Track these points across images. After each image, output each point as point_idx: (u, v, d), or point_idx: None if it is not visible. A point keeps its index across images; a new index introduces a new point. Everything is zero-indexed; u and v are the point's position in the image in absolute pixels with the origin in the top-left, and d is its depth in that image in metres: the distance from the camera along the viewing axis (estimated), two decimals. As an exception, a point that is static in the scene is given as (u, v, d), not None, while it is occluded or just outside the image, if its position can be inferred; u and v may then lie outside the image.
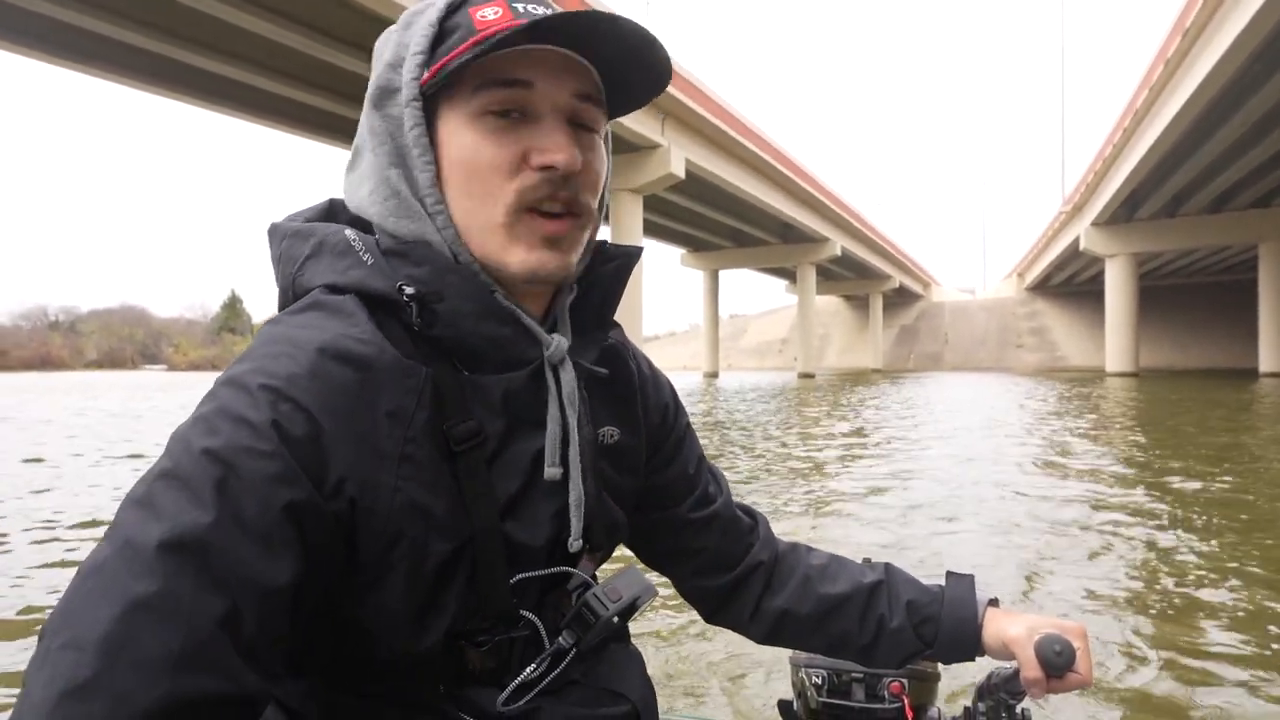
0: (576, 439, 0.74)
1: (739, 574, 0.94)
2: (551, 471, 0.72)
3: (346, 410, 0.61)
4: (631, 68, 0.72)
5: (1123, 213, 40.40)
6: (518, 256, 0.69)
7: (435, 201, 0.69)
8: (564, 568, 0.75)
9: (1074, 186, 45.56)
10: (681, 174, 26.62)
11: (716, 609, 0.97)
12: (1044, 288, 71.40)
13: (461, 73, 0.67)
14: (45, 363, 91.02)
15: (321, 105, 22.39)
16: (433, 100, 0.69)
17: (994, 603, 0.91)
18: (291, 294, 0.70)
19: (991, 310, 75.46)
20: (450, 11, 0.70)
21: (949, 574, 0.94)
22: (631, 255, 0.81)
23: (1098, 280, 47.68)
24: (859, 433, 12.14)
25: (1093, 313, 56.04)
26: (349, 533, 0.61)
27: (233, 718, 0.51)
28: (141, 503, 0.54)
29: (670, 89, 23.12)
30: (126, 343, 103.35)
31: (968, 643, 0.89)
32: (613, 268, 0.79)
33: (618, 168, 25.77)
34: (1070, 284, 67.79)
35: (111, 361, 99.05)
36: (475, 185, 0.69)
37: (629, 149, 25.61)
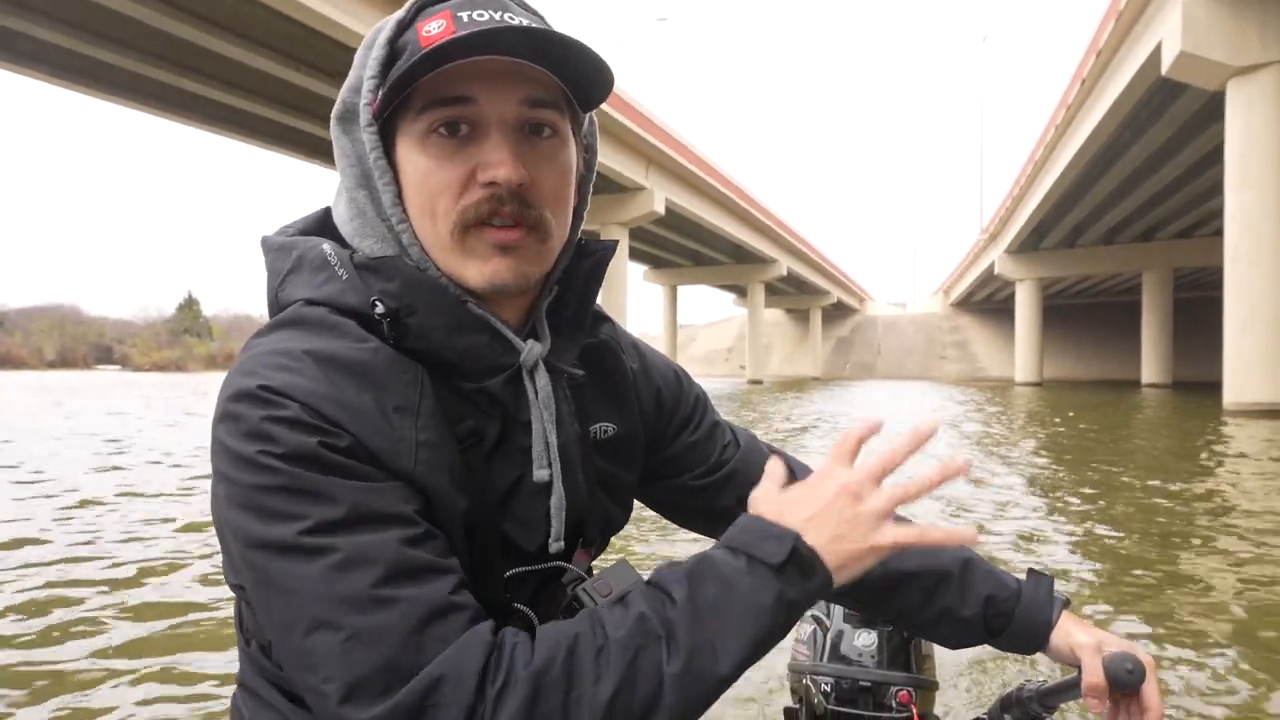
0: (555, 443, 0.76)
1: None
2: (540, 474, 0.74)
3: (357, 412, 0.64)
4: (578, 69, 0.70)
5: (1031, 242, 45.99)
6: (474, 270, 0.70)
7: (399, 220, 0.71)
8: (558, 563, 0.77)
9: (990, 218, 51.22)
10: (662, 211, 31.20)
11: None
12: (966, 304, 76.92)
13: (408, 93, 0.68)
14: (5, 362, 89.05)
15: (268, 115, 23.37)
16: (390, 121, 0.70)
17: (1065, 605, 0.91)
18: (277, 307, 0.73)
19: (920, 324, 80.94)
20: (401, 29, 0.71)
21: (1030, 571, 0.93)
22: (608, 249, 0.82)
23: (1013, 299, 52.62)
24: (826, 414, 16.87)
25: (1008, 328, 60.32)
26: None
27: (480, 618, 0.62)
28: (299, 547, 0.59)
29: (654, 140, 28.36)
30: (80, 343, 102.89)
31: (1034, 639, 0.89)
32: (589, 264, 0.81)
33: (610, 206, 30.19)
34: (990, 301, 73.12)
35: (63, 361, 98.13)
36: (428, 205, 0.70)
37: (618, 190, 30.03)
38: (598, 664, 0.60)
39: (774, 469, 0.74)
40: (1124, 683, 0.79)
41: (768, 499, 0.70)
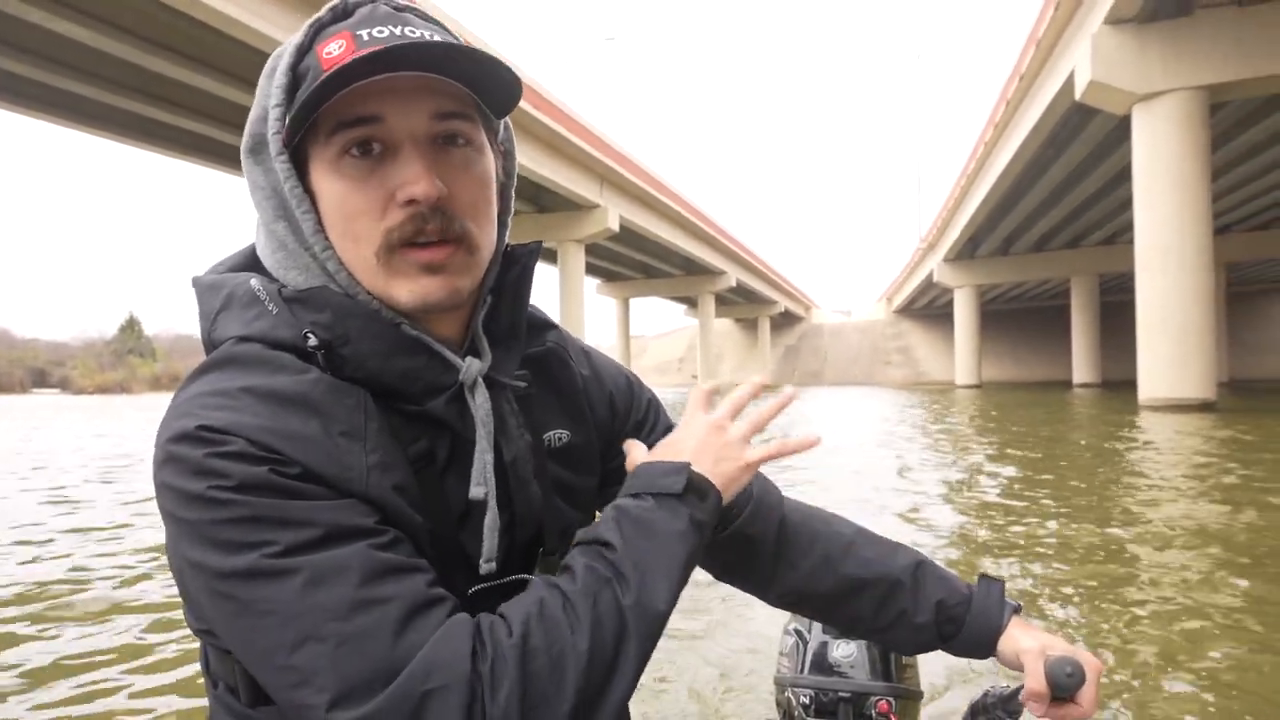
0: (491, 461, 0.74)
1: (730, 537, 0.93)
2: (476, 491, 0.73)
3: (303, 441, 0.63)
4: (485, 78, 0.69)
5: (967, 250, 47.64)
6: (403, 290, 0.69)
7: (323, 248, 0.70)
8: (521, 575, 0.75)
9: (928, 228, 53.05)
10: (616, 228, 32.26)
11: (720, 569, 0.98)
12: (908, 311, 78.67)
13: (314, 118, 0.66)
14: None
15: (205, 132, 22.85)
16: (301, 148, 0.69)
17: (1016, 611, 0.91)
18: (211, 347, 0.71)
19: (864, 331, 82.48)
20: (301, 54, 0.69)
21: (981, 576, 0.93)
22: (533, 253, 0.82)
23: (952, 305, 54.25)
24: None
25: (949, 333, 61.49)
26: None
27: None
28: (270, 570, 0.58)
29: (608, 160, 29.40)
30: (16, 366, 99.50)
31: (984, 645, 0.90)
32: (517, 272, 0.80)
33: (567, 223, 31.09)
34: (931, 307, 74.86)
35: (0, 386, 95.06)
36: (349, 229, 0.69)
37: (573, 208, 30.97)
38: (567, 615, 0.62)
39: (631, 445, 0.84)
40: (1063, 686, 0.80)
41: (647, 453, 0.79)
